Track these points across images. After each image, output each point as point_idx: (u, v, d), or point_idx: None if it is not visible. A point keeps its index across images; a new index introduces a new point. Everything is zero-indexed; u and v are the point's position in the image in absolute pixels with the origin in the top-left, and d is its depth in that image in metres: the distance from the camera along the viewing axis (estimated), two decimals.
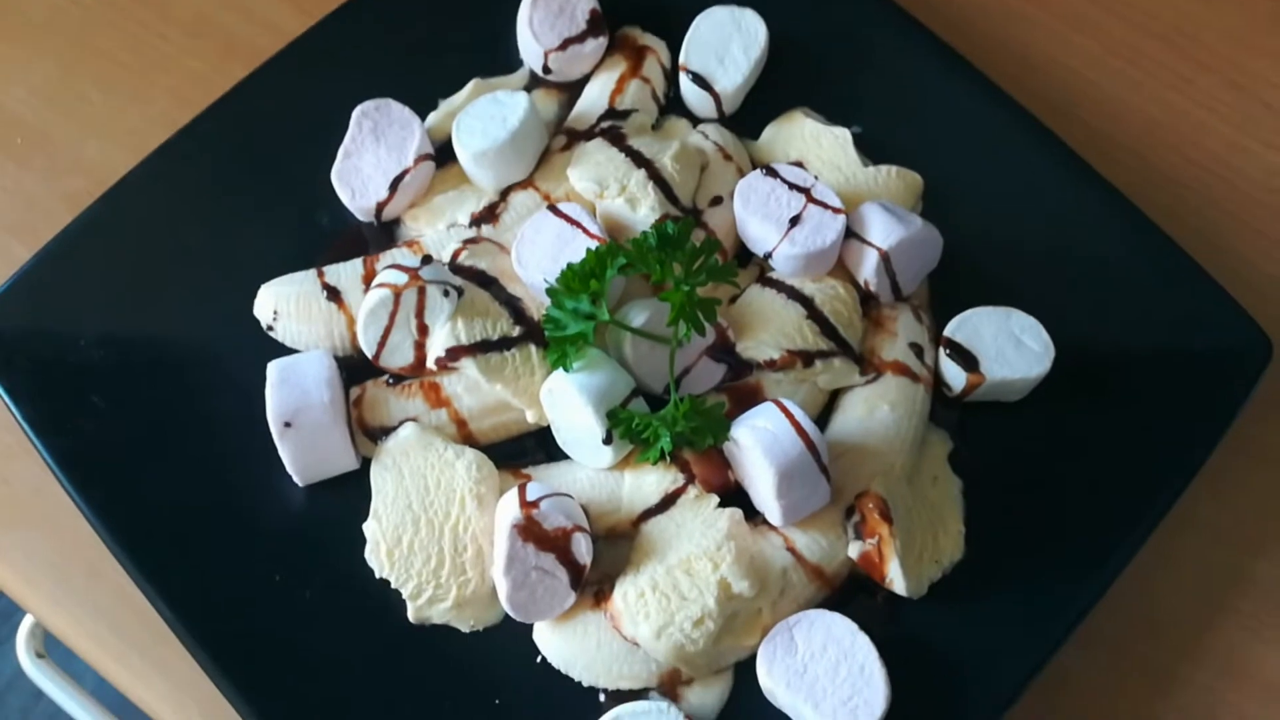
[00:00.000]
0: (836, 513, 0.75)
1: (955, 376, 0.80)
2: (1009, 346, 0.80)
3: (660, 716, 0.70)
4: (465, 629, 0.74)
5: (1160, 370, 0.82)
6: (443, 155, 0.86)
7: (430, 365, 0.78)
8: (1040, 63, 0.98)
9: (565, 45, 0.88)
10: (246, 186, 0.87)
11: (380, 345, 0.77)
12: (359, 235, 0.85)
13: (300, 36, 0.90)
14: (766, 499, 0.74)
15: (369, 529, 0.75)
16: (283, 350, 0.81)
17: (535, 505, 0.71)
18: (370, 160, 0.84)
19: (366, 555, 0.75)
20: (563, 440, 0.78)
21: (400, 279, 0.76)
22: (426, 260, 0.80)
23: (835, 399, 0.81)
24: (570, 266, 0.75)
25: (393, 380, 0.80)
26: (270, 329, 0.81)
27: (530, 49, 0.89)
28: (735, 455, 0.75)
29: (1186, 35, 0.99)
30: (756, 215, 0.81)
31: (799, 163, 0.87)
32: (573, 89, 0.90)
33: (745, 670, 0.73)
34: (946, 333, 0.81)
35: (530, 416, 0.78)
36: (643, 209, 0.80)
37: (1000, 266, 0.85)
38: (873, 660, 0.70)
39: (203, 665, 0.73)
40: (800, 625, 0.72)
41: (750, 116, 0.90)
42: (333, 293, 0.80)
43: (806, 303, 0.80)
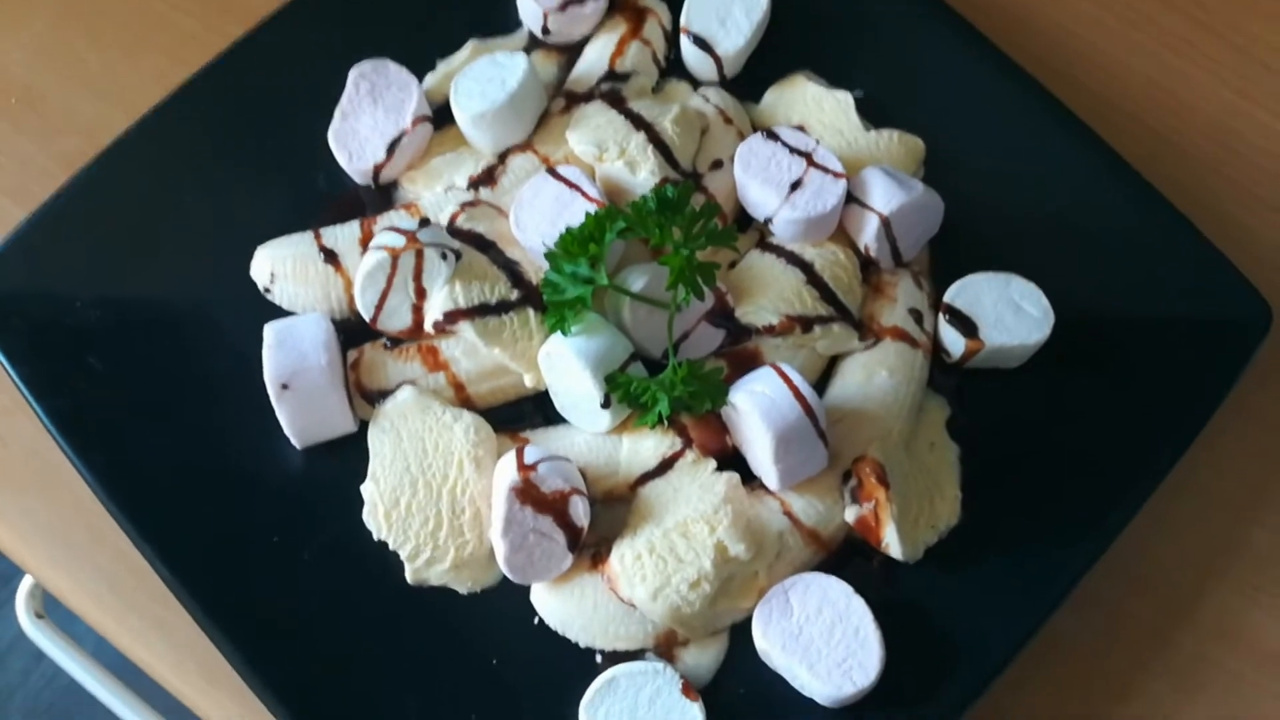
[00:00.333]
0: (833, 477, 0.76)
1: (954, 342, 0.80)
2: (1008, 313, 0.80)
3: (656, 677, 0.70)
4: (463, 590, 0.75)
5: (1159, 336, 0.82)
6: (441, 117, 0.85)
7: (428, 328, 0.78)
8: (1042, 26, 0.97)
9: (565, 6, 0.87)
10: (243, 147, 0.86)
11: (378, 308, 0.77)
12: (356, 198, 0.85)
13: None
14: (764, 463, 0.74)
15: (367, 491, 0.75)
16: (280, 313, 0.81)
17: (533, 468, 0.71)
18: (367, 122, 0.83)
19: (364, 517, 0.75)
20: (561, 404, 0.78)
21: (398, 241, 0.75)
22: (424, 223, 0.80)
23: (834, 364, 0.81)
24: (569, 230, 0.74)
25: (390, 343, 0.80)
26: (267, 291, 0.81)
27: (529, 10, 0.88)
28: (733, 420, 0.75)
29: None
30: (757, 179, 0.80)
31: (800, 127, 0.86)
32: (572, 51, 0.90)
33: (741, 632, 0.73)
34: (946, 298, 0.81)
35: (528, 380, 0.78)
36: (642, 172, 0.80)
37: (1001, 232, 0.84)
38: (868, 623, 0.71)
39: (201, 625, 0.73)
40: (796, 588, 0.72)
41: (751, 80, 0.89)
42: (330, 255, 0.80)
43: (806, 268, 0.80)
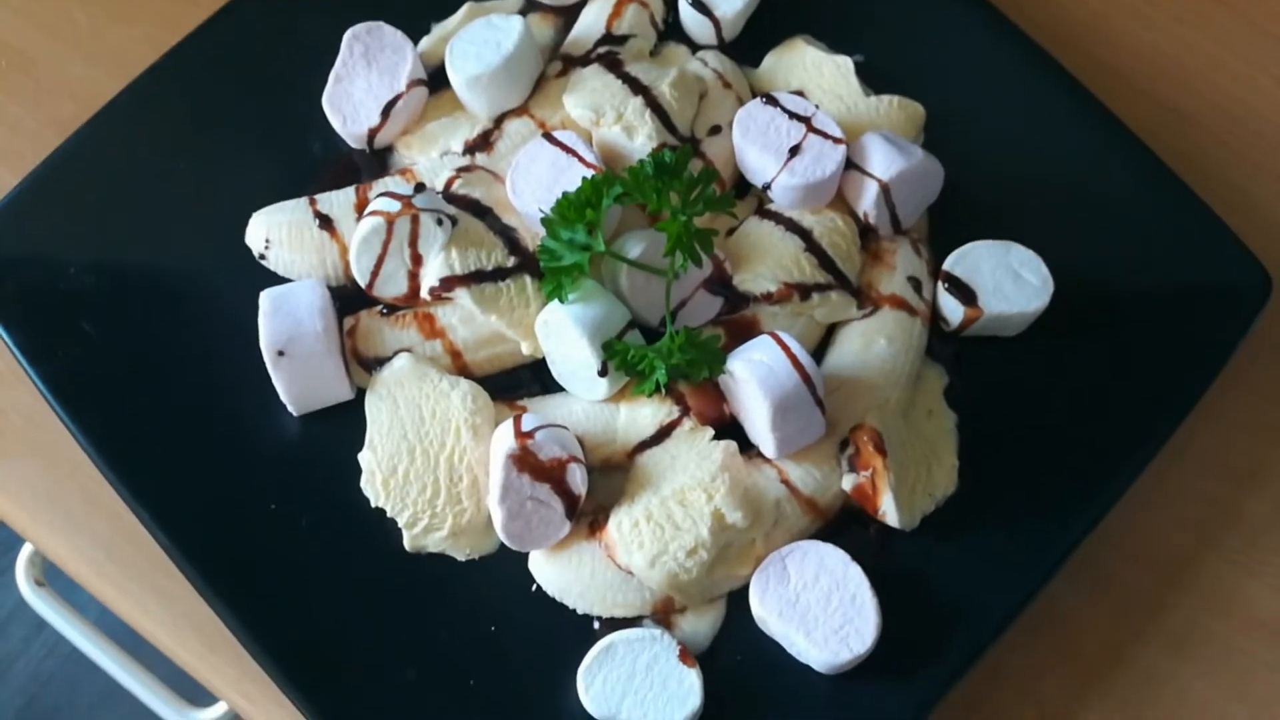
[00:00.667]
0: (831, 445, 0.76)
1: (953, 310, 0.80)
2: (1007, 281, 0.79)
3: (654, 644, 0.71)
4: (461, 558, 0.75)
5: (1159, 305, 0.81)
6: (436, 81, 0.84)
7: (424, 295, 0.77)
8: None
9: None
10: (236, 111, 0.85)
11: (374, 274, 0.76)
12: (351, 163, 0.84)
13: None
14: (761, 431, 0.74)
15: (364, 459, 0.75)
16: (275, 279, 0.80)
17: (530, 436, 0.71)
18: (362, 85, 0.82)
19: (362, 485, 0.75)
20: (558, 372, 0.77)
21: (393, 207, 0.75)
22: (420, 188, 0.79)
23: (832, 332, 0.80)
24: (566, 196, 0.74)
25: (387, 310, 0.79)
26: (262, 258, 0.81)
27: None
28: (730, 388, 0.75)
29: None
30: (755, 145, 0.79)
31: (800, 92, 0.85)
32: (569, 13, 0.88)
33: (738, 599, 0.73)
34: (945, 266, 0.80)
35: (525, 348, 0.77)
36: (640, 137, 0.79)
37: (1001, 200, 0.84)
38: (864, 590, 0.71)
39: (200, 592, 0.73)
40: (793, 555, 0.72)
41: (750, 44, 0.88)
42: (325, 221, 0.79)
43: (805, 235, 0.80)
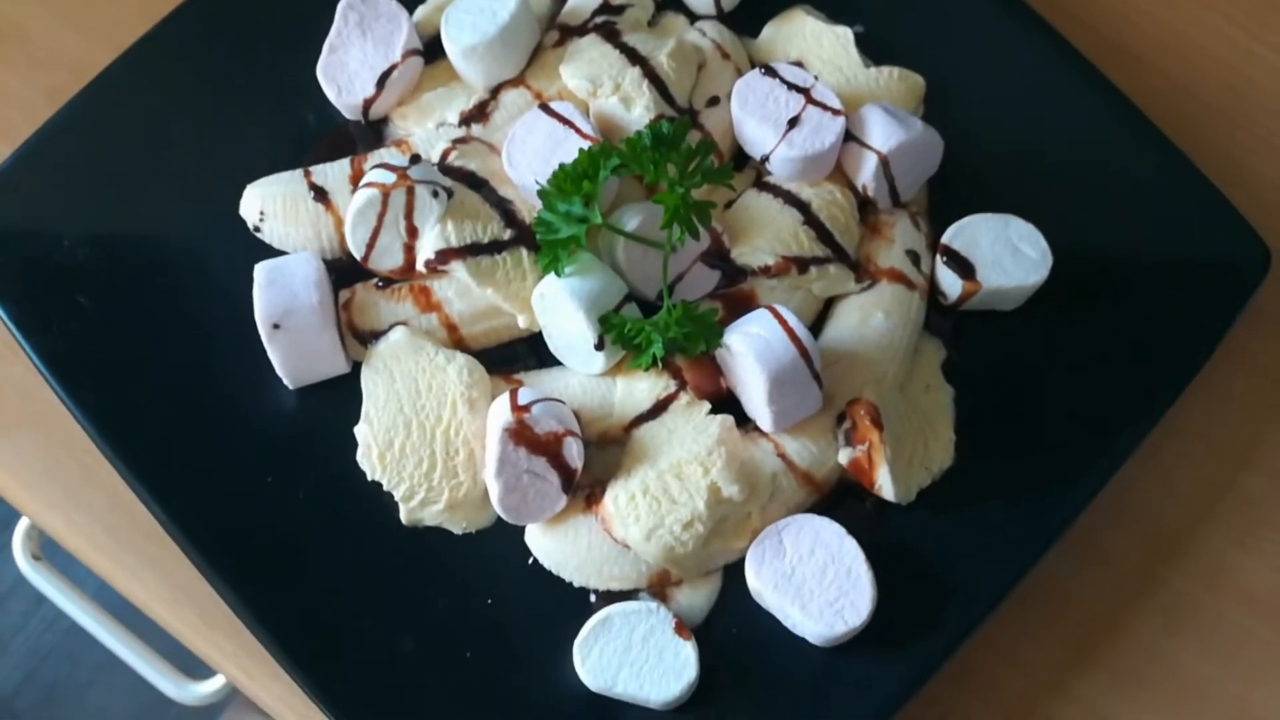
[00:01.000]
0: (828, 419, 0.75)
1: (951, 284, 0.79)
2: (1006, 254, 0.79)
3: (650, 616, 0.71)
4: (458, 531, 0.75)
5: (1158, 279, 0.81)
6: (431, 51, 0.83)
7: (420, 268, 0.77)
8: None
9: None
10: (230, 81, 0.84)
11: (369, 247, 0.76)
12: (346, 134, 0.83)
13: None
14: (758, 405, 0.73)
15: (360, 432, 0.75)
16: (271, 251, 0.80)
17: (527, 409, 0.71)
18: (356, 55, 0.81)
19: (358, 458, 0.75)
20: (554, 346, 0.77)
21: (388, 178, 0.74)
22: (415, 160, 0.79)
23: (830, 306, 0.80)
24: (562, 167, 0.73)
25: (382, 283, 0.79)
26: (257, 230, 0.80)
27: None
28: (727, 361, 0.74)
29: None
30: (754, 116, 0.79)
31: (799, 62, 0.85)
32: None
33: (734, 572, 0.74)
34: (944, 240, 0.80)
35: (522, 322, 0.77)
36: (637, 108, 0.78)
37: (1000, 172, 0.83)
38: (860, 564, 0.71)
39: (197, 565, 0.73)
40: (789, 529, 0.72)
41: (749, 13, 0.87)
42: (320, 193, 0.79)
43: (803, 208, 0.79)
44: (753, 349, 0.71)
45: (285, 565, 0.73)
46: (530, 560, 0.74)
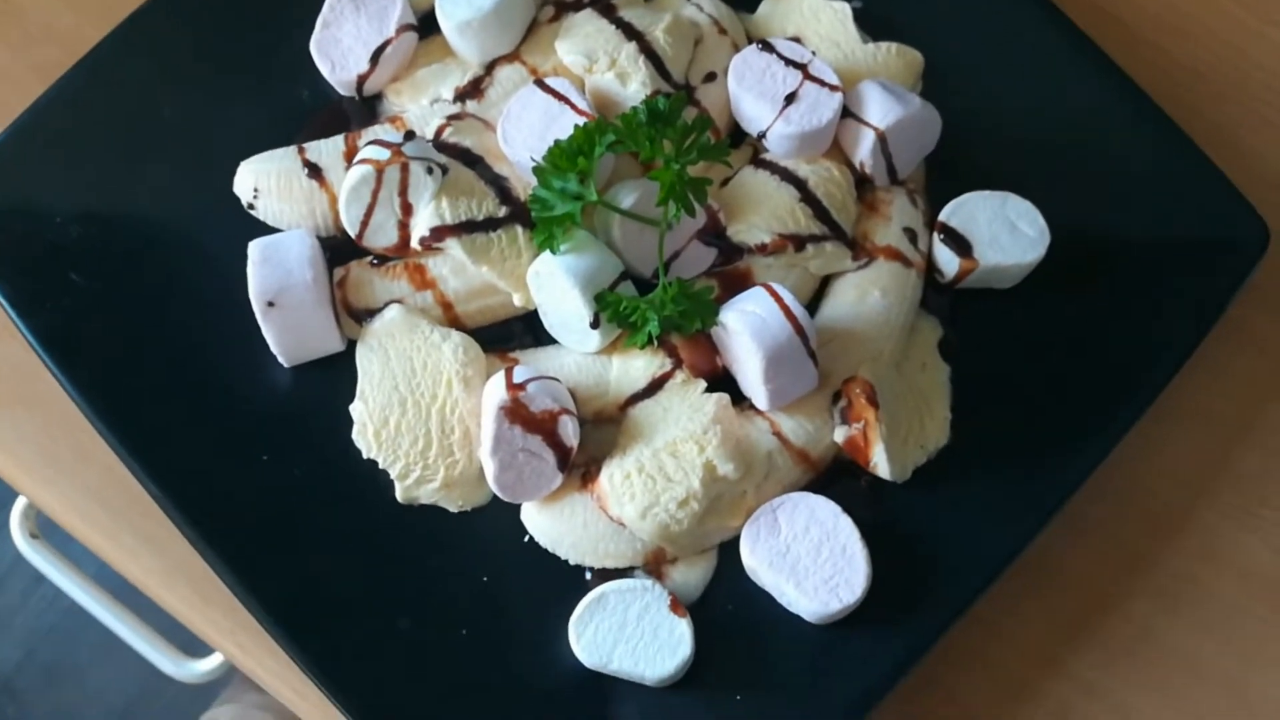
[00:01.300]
0: (823, 398, 0.75)
1: (948, 262, 0.79)
2: (1004, 232, 0.79)
3: (645, 594, 0.71)
4: (453, 509, 0.75)
5: (1155, 256, 0.81)
6: (426, 26, 0.82)
7: (415, 245, 0.76)
8: None
9: None
10: (223, 57, 0.84)
11: (363, 224, 0.76)
12: (340, 111, 0.83)
13: None
14: (754, 383, 0.73)
15: (356, 410, 0.75)
16: (265, 229, 0.79)
17: (522, 388, 0.71)
18: (350, 31, 0.81)
19: (354, 436, 0.75)
20: (550, 324, 0.77)
21: (383, 155, 0.74)
22: (409, 136, 0.78)
23: (826, 284, 0.80)
24: (558, 144, 0.73)
25: (377, 261, 0.78)
26: (251, 207, 0.80)
27: None
28: (723, 340, 0.74)
29: None
30: (751, 92, 0.78)
31: (796, 38, 0.84)
32: None
33: (729, 550, 0.74)
34: (941, 217, 0.80)
35: (517, 300, 0.77)
36: (633, 84, 0.77)
37: (999, 149, 0.83)
38: (855, 541, 0.71)
39: (193, 543, 0.73)
40: (784, 507, 0.72)
41: None
42: (314, 170, 0.78)
43: (800, 185, 0.79)
44: (749, 327, 0.71)
45: (281, 542, 0.73)
46: (526, 538, 0.74)
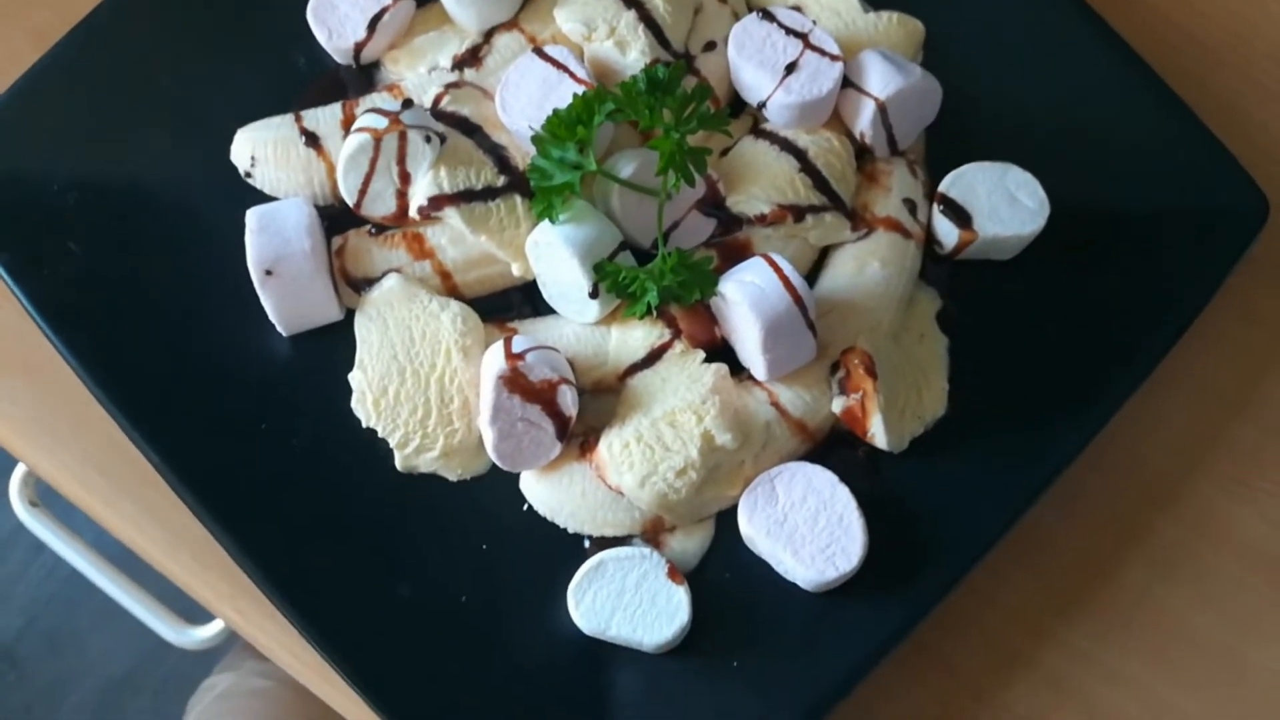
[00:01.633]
0: (822, 368, 0.75)
1: (947, 233, 0.79)
2: (1003, 203, 0.79)
3: (643, 562, 0.72)
4: (453, 478, 0.75)
5: (1155, 229, 0.81)
6: None
7: (413, 214, 0.76)
8: None
9: None
10: (219, 23, 0.83)
11: (361, 193, 0.75)
12: (337, 78, 0.82)
13: None
14: (752, 354, 0.73)
15: (354, 379, 0.75)
16: (263, 197, 0.79)
17: (521, 357, 0.71)
18: None
19: (353, 405, 0.75)
20: (549, 294, 0.77)
21: (380, 123, 0.73)
22: (407, 105, 0.78)
23: (825, 255, 0.80)
24: (556, 113, 0.72)
25: (375, 230, 0.78)
26: (248, 175, 0.79)
27: None
28: (722, 310, 0.74)
29: None
30: (751, 61, 0.78)
31: (797, 7, 0.83)
32: None
33: (727, 519, 0.74)
34: (941, 188, 0.79)
35: (516, 270, 0.77)
36: (632, 52, 0.77)
37: (999, 120, 0.82)
38: (851, 511, 0.72)
39: (192, 509, 0.74)
40: (781, 476, 0.73)
41: None
42: (311, 138, 0.78)
43: (800, 155, 0.78)
44: (748, 297, 0.71)
45: (281, 510, 0.74)
46: (525, 507, 0.75)
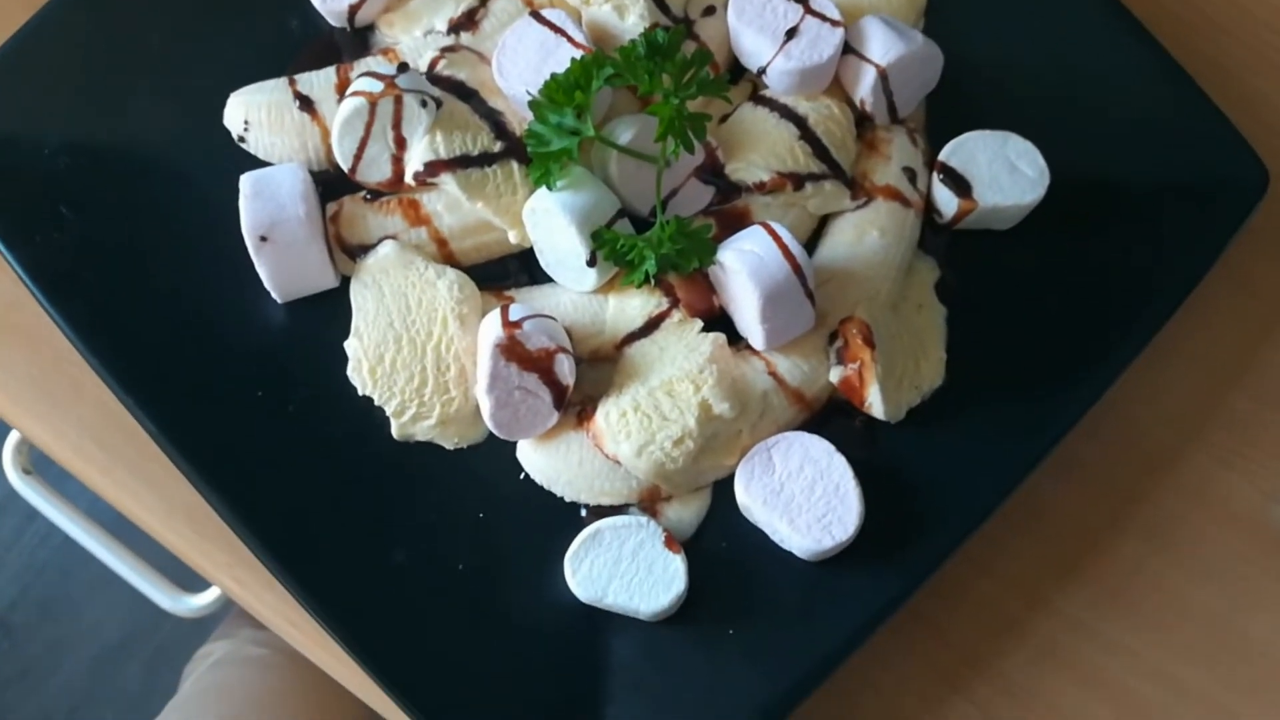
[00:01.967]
0: (819, 338, 0.75)
1: (947, 202, 0.78)
2: (1003, 172, 0.78)
3: (640, 530, 0.72)
4: (449, 446, 0.75)
5: (1155, 199, 0.80)
6: None
7: (408, 180, 0.75)
8: None
9: None
10: None
11: (356, 158, 0.75)
12: (331, 42, 0.81)
13: None
14: (750, 323, 0.73)
15: (350, 347, 0.75)
16: (257, 163, 0.78)
17: (518, 325, 0.71)
18: None
19: (349, 373, 0.74)
20: (546, 262, 0.76)
21: (375, 87, 0.72)
22: (403, 69, 0.77)
23: (824, 223, 0.79)
24: (554, 78, 0.71)
25: (370, 196, 0.78)
26: (242, 140, 0.78)
27: None
28: (720, 279, 0.74)
29: None
30: (751, 26, 0.77)
31: None
32: None
33: (723, 488, 0.74)
34: (941, 157, 0.79)
35: (512, 237, 0.76)
36: (631, 16, 0.76)
37: (1000, 88, 0.82)
38: (848, 480, 0.72)
39: (188, 477, 0.73)
40: (779, 446, 0.73)
41: None
42: (305, 102, 0.77)
43: (800, 122, 0.78)
44: (746, 266, 0.71)
45: (277, 478, 0.74)
46: (522, 475, 0.75)
